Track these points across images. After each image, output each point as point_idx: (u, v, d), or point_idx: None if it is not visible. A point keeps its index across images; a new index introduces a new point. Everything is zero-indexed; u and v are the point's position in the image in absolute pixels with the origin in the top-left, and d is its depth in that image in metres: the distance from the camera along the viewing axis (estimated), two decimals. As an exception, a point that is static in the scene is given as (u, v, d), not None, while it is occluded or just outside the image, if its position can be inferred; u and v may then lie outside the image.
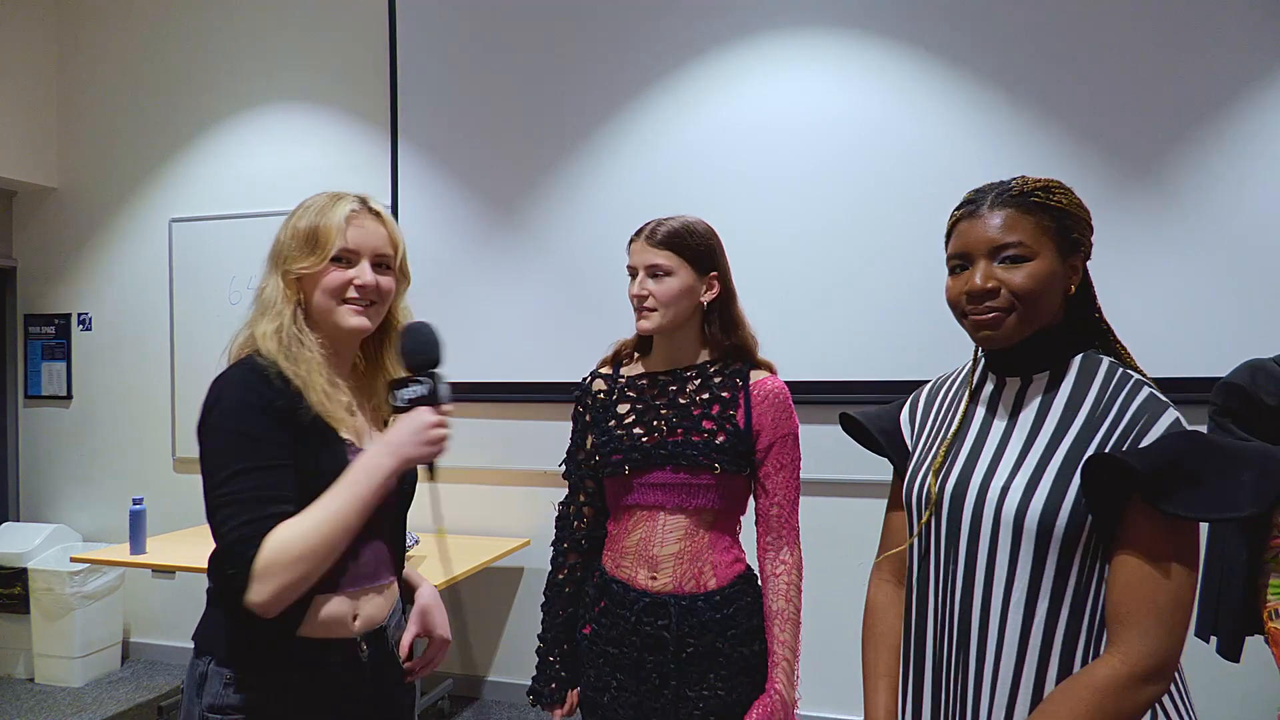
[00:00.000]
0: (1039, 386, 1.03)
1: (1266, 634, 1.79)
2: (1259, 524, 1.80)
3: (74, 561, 3.02)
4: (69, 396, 3.93)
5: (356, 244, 1.17)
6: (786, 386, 1.45)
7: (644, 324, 1.40)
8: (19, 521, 3.93)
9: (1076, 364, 1.02)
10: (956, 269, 1.05)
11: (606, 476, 1.44)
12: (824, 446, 2.89)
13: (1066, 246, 1.00)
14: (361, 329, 1.19)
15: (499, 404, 3.31)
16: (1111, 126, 2.70)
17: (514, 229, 3.27)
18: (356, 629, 1.17)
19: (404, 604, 1.33)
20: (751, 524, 1.47)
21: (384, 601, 1.23)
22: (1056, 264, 0.99)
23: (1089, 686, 0.90)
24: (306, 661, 1.12)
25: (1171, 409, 0.94)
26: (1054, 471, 0.96)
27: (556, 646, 1.47)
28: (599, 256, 3.14)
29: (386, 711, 1.24)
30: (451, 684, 3.36)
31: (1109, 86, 2.71)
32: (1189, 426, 0.94)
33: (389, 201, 3.38)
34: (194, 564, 2.64)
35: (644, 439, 1.40)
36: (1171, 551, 0.90)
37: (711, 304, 1.42)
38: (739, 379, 1.43)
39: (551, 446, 1.55)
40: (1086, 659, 0.94)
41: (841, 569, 2.90)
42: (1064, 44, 2.74)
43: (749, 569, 1.46)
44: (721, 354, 1.46)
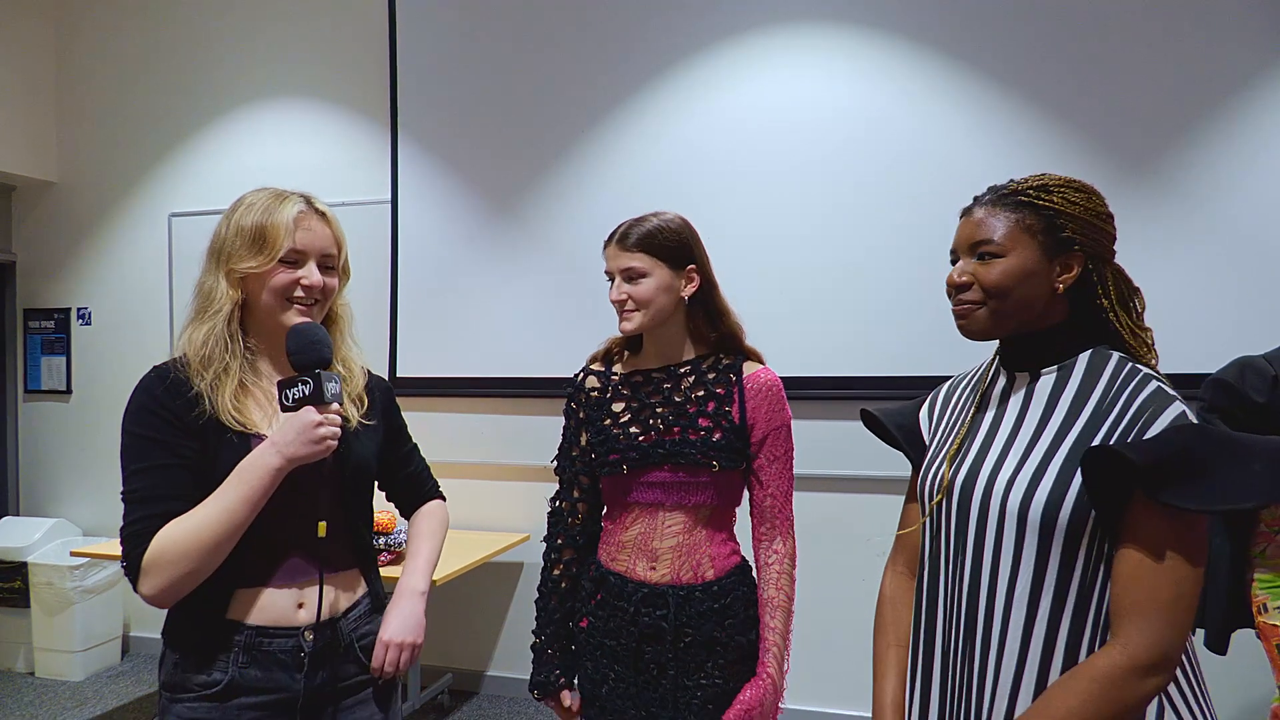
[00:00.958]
0: (1048, 382, 1.04)
1: (1256, 628, 1.81)
2: (1242, 520, 1.82)
3: (74, 556, 3.03)
4: (69, 391, 3.94)
5: (304, 245, 1.20)
6: (779, 378, 1.47)
7: (626, 326, 1.42)
8: (19, 516, 3.94)
9: (1085, 359, 1.03)
10: (952, 263, 1.09)
11: (604, 475, 1.45)
12: (822, 441, 2.91)
13: (1054, 245, 1.01)
14: None
15: (498, 399, 3.32)
16: (1109, 123, 2.71)
17: (513, 224, 3.27)
18: (301, 619, 1.19)
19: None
20: (747, 514, 1.48)
21: (340, 593, 1.25)
22: (1035, 262, 1.01)
23: (1089, 677, 0.91)
24: (248, 646, 1.16)
25: (1178, 402, 0.95)
26: (1059, 465, 0.97)
27: (555, 641, 1.48)
28: (598, 251, 3.12)
29: (344, 697, 1.25)
30: (451, 678, 3.37)
31: (1107, 83, 2.71)
32: (1195, 420, 0.94)
33: (389, 196, 3.39)
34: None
35: (641, 438, 1.42)
36: (1174, 544, 0.90)
37: (694, 297, 1.43)
38: (732, 373, 1.44)
39: (551, 442, 1.56)
40: (1093, 651, 0.95)
41: (837, 564, 2.92)
42: (1061, 39, 2.74)
43: (745, 560, 1.48)
44: (710, 346, 1.47)
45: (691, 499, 1.40)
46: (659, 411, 1.43)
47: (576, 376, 1.54)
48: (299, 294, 1.20)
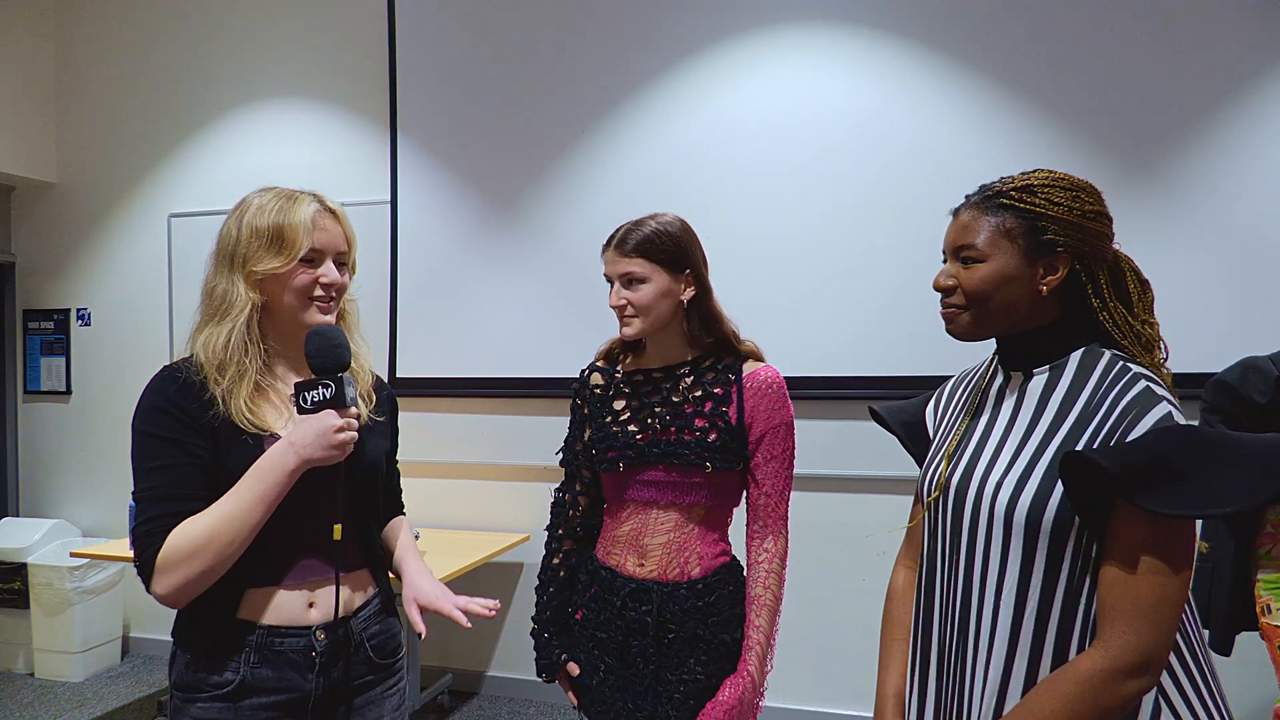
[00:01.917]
0: (1039, 381, 1.04)
1: (1261, 629, 1.80)
2: (1247, 519, 1.82)
3: (74, 556, 3.02)
4: (68, 392, 3.93)
5: (322, 244, 1.21)
6: (781, 376, 1.46)
7: (627, 331, 1.43)
8: (19, 517, 3.93)
9: (1076, 359, 1.03)
10: (943, 264, 1.09)
11: (602, 471, 1.47)
12: (820, 441, 2.91)
13: (1035, 249, 1.00)
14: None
15: (498, 399, 3.32)
16: (1109, 122, 2.70)
17: (513, 224, 3.27)
18: (313, 619, 1.19)
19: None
20: (743, 513, 1.49)
21: (351, 592, 1.25)
22: (1015, 268, 1.00)
23: (1072, 679, 0.91)
24: (260, 647, 1.16)
25: (1164, 404, 0.93)
26: (1044, 466, 0.97)
27: (552, 625, 1.51)
28: (598, 252, 3.14)
29: (355, 696, 1.26)
30: (451, 679, 3.37)
31: (1107, 82, 2.71)
32: (1184, 421, 0.93)
33: (389, 197, 3.39)
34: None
35: (638, 436, 1.43)
36: (1156, 548, 0.90)
37: (691, 301, 1.44)
38: (731, 374, 1.45)
39: (551, 442, 1.56)
40: (1083, 651, 0.95)
41: (837, 564, 2.91)
42: (1061, 39, 2.74)
43: (735, 560, 1.49)
44: (705, 351, 1.47)
45: (685, 499, 1.41)
46: (657, 411, 1.44)
47: (583, 372, 1.56)
48: (319, 293, 1.21)
